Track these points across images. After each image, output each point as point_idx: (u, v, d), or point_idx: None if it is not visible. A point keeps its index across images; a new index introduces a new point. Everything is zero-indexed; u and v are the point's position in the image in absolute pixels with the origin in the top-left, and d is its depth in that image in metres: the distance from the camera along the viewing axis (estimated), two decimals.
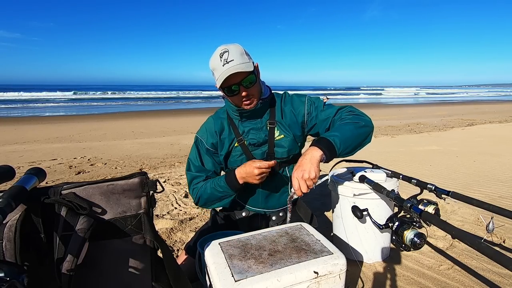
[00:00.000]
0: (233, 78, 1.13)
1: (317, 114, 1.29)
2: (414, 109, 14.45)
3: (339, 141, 1.07)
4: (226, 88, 1.17)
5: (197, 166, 1.32)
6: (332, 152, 1.06)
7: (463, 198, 1.39)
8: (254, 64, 1.20)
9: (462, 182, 3.04)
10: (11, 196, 0.61)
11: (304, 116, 1.31)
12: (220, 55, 1.14)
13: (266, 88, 1.32)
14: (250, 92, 1.19)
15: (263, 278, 0.79)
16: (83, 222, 0.70)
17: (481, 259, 1.55)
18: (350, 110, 1.23)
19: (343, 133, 1.10)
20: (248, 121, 1.29)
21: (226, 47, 1.15)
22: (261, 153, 1.32)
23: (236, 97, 1.20)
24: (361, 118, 1.18)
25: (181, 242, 1.89)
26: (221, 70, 1.13)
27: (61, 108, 16.74)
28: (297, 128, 1.32)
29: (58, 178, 3.54)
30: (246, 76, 1.15)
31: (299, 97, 1.35)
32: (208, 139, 1.32)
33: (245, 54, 1.18)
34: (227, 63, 1.12)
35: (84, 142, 6.08)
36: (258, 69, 1.25)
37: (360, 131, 1.14)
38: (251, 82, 1.18)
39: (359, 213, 1.38)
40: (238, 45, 1.18)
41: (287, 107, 1.32)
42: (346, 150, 1.10)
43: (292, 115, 1.31)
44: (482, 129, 6.83)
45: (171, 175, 3.48)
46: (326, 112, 1.27)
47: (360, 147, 1.16)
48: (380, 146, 5.07)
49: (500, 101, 21.62)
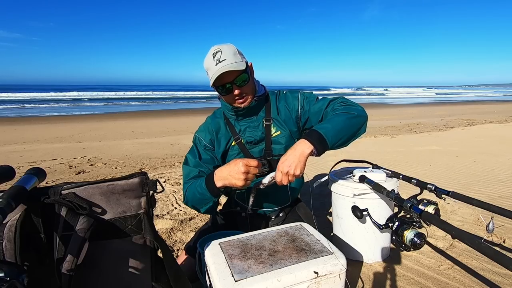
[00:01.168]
0: (226, 77, 1.15)
1: (309, 108, 1.27)
2: (414, 109, 14.45)
3: (330, 133, 1.04)
4: (220, 87, 1.19)
5: (194, 161, 1.28)
6: (323, 145, 1.03)
7: (463, 198, 1.39)
8: (247, 63, 1.21)
9: (462, 182, 3.04)
10: (11, 196, 0.61)
11: (298, 111, 1.30)
12: (213, 55, 1.16)
13: (260, 86, 1.33)
14: (243, 90, 1.20)
15: (263, 278, 0.79)
16: (83, 222, 0.70)
17: (481, 259, 1.55)
18: (342, 101, 1.20)
19: (334, 124, 1.06)
20: (244, 120, 1.30)
21: (219, 47, 1.17)
22: (258, 151, 1.32)
23: (229, 96, 1.21)
24: (353, 108, 1.14)
25: (181, 242, 1.89)
26: (214, 70, 1.14)
27: (61, 108, 16.74)
28: (292, 123, 1.32)
29: (58, 178, 3.54)
30: (238, 74, 1.17)
31: (292, 93, 1.35)
32: (206, 136, 1.32)
33: (238, 53, 1.19)
34: (219, 63, 1.14)
35: (84, 142, 6.08)
36: (252, 68, 1.26)
37: (352, 122, 1.10)
38: (244, 81, 1.19)
39: (359, 213, 1.38)
40: (231, 45, 1.19)
41: (281, 104, 1.33)
42: (338, 142, 1.06)
43: (287, 110, 1.32)
44: (482, 129, 6.82)
45: (171, 175, 3.48)
46: (318, 104, 1.25)
47: (354, 138, 1.12)
48: (380, 146, 5.07)
49: (500, 101, 21.62)
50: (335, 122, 1.08)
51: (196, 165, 1.27)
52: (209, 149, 1.32)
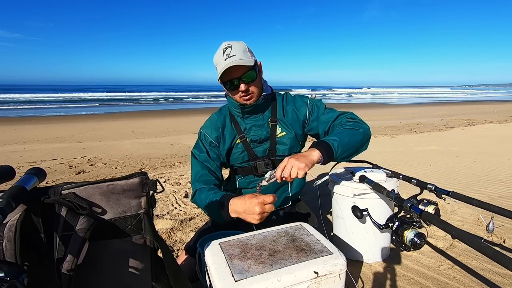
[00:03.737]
0: (234, 72, 1.16)
1: (318, 116, 1.31)
2: (414, 109, 14.45)
3: (337, 145, 1.10)
4: (227, 82, 1.20)
5: (201, 155, 1.30)
6: (330, 155, 1.09)
7: (463, 198, 1.39)
8: (256, 62, 1.22)
9: (462, 182, 3.04)
10: (11, 196, 0.60)
11: (306, 116, 1.33)
12: (223, 50, 1.17)
13: (267, 86, 1.34)
14: (250, 87, 1.21)
15: (263, 278, 0.79)
16: (83, 222, 0.70)
17: (481, 259, 1.55)
18: (350, 117, 1.26)
19: (342, 138, 1.12)
20: (249, 118, 1.31)
21: (230, 43, 1.18)
22: (262, 150, 1.33)
23: (236, 92, 1.22)
24: (360, 125, 1.21)
25: (181, 242, 1.89)
26: (223, 64, 1.15)
27: (61, 108, 16.74)
28: (298, 126, 1.34)
29: (58, 178, 3.54)
30: (246, 71, 1.17)
31: (302, 98, 1.38)
32: (212, 133, 1.32)
33: (248, 51, 1.20)
34: (229, 58, 1.15)
35: (84, 142, 6.08)
36: (261, 67, 1.27)
37: (357, 138, 1.17)
38: (251, 79, 1.20)
39: (359, 213, 1.38)
40: (241, 42, 1.21)
41: (289, 106, 1.35)
42: (343, 155, 1.13)
43: (294, 113, 1.33)
44: (482, 129, 6.82)
45: (171, 175, 3.48)
46: (327, 115, 1.29)
47: (356, 154, 1.19)
48: (380, 146, 5.07)
49: (500, 101, 21.61)
50: (343, 136, 1.13)
51: (204, 160, 1.28)
52: (214, 146, 1.33)
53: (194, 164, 1.30)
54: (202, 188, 1.21)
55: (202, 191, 1.20)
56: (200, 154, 1.30)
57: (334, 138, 1.12)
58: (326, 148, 1.09)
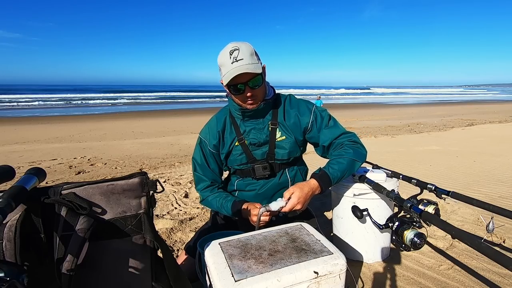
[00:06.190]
0: (241, 78, 1.13)
1: (321, 127, 1.31)
2: (414, 109, 14.45)
3: (336, 177, 1.21)
4: (232, 86, 1.17)
5: (202, 166, 1.37)
6: (328, 186, 1.22)
7: (463, 198, 1.39)
8: (262, 66, 1.19)
9: (462, 182, 3.04)
10: (11, 196, 0.60)
11: (308, 124, 1.31)
12: (230, 52, 1.12)
13: (270, 88, 1.32)
14: (255, 93, 1.19)
15: (263, 278, 0.79)
16: (83, 222, 0.70)
17: (481, 259, 1.55)
18: (353, 140, 1.28)
19: (342, 169, 1.22)
20: (250, 121, 1.29)
21: (237, 44, 1.14)
22: (261, 154, 1.32)
23: (240, 96, 1.20)
24: (359, 152, 1.26)
25: (181, 242, 1.89)
26: (229, 68, 1.12)
27: (61, 108, 16.73)
28: (298, 132, 1.32)
29: (58, 178, 3.54)
30: (253, 77, 1.15)
31: (307, 104, 1.35)
32: (210, 141, 1.33)
33: (255, 54, 1.17)
34: (236, 61, 1.11)
35: (84, 142, 6.08)
36: (265, 71, 1.24)
37: (354, 165, 1.24)
38: (257, 84, 1.18)
39: (359, 213, 1.38)
40: (249, 45, 1.17)
41: (293, 110, 1.32)
42: (338, 182, 1.25)
43: (296, 118, 1.31)
44: (482, 129, 6.83)
45: (171, 175, 3.48)
46: (331, 130, 1.30)
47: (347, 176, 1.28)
48: (380, 146, 5.07)
49: (500, 101, 21.60)
50: (342, 166, 1.22)
51: (204, 169, 1.36)
52: (214, 154, 1.35)
53: (196, 175, 1.38)
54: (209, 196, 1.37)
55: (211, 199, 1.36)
56: (201, 164, 1.36)
57: (335, 168, 1.21)
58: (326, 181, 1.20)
